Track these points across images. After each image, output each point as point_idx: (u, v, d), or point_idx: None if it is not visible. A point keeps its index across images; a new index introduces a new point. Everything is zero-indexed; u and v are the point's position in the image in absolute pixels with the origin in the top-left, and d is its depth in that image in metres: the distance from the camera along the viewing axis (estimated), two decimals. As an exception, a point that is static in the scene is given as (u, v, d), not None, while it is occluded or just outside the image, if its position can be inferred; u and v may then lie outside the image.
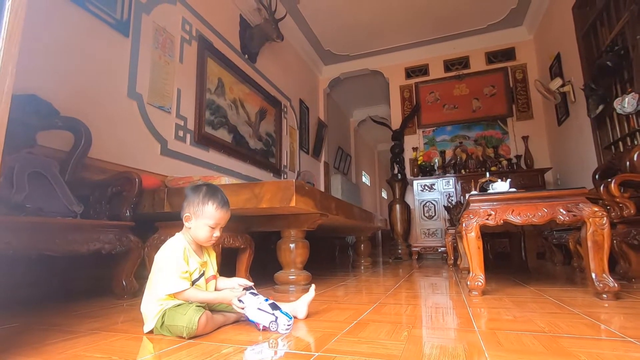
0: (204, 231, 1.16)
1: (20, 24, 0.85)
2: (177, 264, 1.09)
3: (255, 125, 4.19)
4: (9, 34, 0.82)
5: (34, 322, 1.26)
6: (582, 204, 1.61)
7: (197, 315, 1.00)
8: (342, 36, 5.33)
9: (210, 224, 1.15)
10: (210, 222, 1.15)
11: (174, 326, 1.02)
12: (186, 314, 1.01)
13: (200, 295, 1.11)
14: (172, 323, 1.02)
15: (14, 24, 0.83)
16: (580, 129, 3.79)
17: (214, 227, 1.16)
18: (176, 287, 1.06)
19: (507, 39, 5.23)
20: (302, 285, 1.95)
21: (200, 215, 1.15)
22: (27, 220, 1.39)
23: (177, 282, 1.07)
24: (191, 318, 1.00)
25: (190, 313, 1.01)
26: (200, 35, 3.30)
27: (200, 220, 1.15)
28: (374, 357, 0.83)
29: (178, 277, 1.07)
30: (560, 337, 0.96)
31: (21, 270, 1.77)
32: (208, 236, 1.16)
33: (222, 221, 1.19)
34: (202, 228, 1.15)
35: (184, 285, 1.07)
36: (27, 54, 1.86)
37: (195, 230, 1.16)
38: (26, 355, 0.87)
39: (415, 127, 5.58)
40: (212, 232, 1.16)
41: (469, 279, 1.73)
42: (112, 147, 2.33)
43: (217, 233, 1.17)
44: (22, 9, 0.84)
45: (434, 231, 4.84)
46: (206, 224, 1.15)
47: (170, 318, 1.03)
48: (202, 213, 1.15)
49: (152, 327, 1.07)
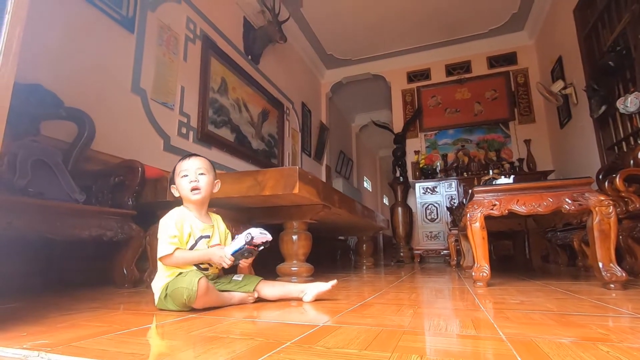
0: (182, 185, 1.21)
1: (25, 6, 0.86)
2: (167, 230, 1.12)
3: (258, 126, 4.20)
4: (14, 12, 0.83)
5: (33, 303, 1.24)
6: (588, 193, 1.60)
7: (197, 277, 1.00)
8: (344, 40, 5.38)
9: (183, 175, 1.21)
10: (182, 174, 1.21)
11: (176, 289, 1.01)
12: (186, 276, 1.02)
13: (188, 255, 1.12)
14: (174, 287, 1.02)
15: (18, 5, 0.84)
16: (583, 131, 3.79)
17: (186, 175, 1.21)
18: (162, 251, 1.09)
19: (508, 43, 5.26)
20: (304, 277, 1.93)
21: (176, 176, 1.24)
22: (29, 201, 1.38)
23: (164, 247, 1.09)
24: (191, 279, 1.00)
25: (191, 275, 1.02)
26: (204, 34, 3.34)
27: (177, 180, 1.22)
28: (380, 326, 0.81)
29: (166, 242, 1.10)
30: (569, 315, 0.95)
31: (19, 259, 1.75)
32: (186, 186, 1.20)
33: (191, 166, 1.22)
34: (180, 183, 1.21)
35: (170, 249, 1.09)
36: (33, 45, 1.87)
37: (180, 191, 1.22)
38: (28, 325, 0.85)
39: (417, 131, 5.58)
40: (187, 179, 1.20)
41: (473, 269, 1.71)
42: (115, 140, 2.33)
43: (193, 177, 1.20)
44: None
45: (436, 234, 4.81)
46: (179, 177, 1.22)
47: (172, 285, 1.04)
48: (175, 174, 1.24)
49: (157, 299, 1.07)
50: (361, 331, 0.77)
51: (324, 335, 0.74)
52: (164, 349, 0.68)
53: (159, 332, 0.82)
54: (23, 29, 0.84)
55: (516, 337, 0.70)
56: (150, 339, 0.75)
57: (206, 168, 1.23)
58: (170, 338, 0.76)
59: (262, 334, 0.76)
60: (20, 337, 0.74)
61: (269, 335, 0.75)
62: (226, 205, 1.79)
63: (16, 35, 0.82)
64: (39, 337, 0.73)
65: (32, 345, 0.67)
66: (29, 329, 0.81)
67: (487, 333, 0.75)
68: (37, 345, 0.67)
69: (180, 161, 1.25)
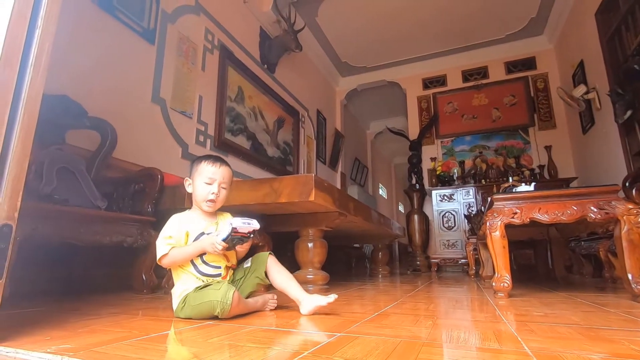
0: (200, 189, 1.16)
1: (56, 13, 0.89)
2: (163, 233, 1.12)
3: (274, 134, 4.24)
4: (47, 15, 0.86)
5: (56, 308, 1.27)
6: (614, 202, 1.54)
7: (232, 290, 0.99)
8: (359, 48, 5.40)
9: (206, 181, 1.16)
10: (205, 178, 1.16)
11: (204, 303, 1.00)
12: (220, 289, 1.00)
13: (183, 250, 1.10)
14: (202, 300, 1.01)
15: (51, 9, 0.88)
16: (607, 137, 3.66)
17: (209, 183, 1.16)
18: (159, 252, 1.09)
19: (527, 48, 5.17)
20: (319, 285, 1.91)
21: (196, 174, 1.18)
22: (54, 208, 1.43)
23: (160, 248, 1.09)
24: (226, 292, 0.98)
25: (225, 288, 1.00)
26: (222, 44, 3.41)
27: (196, 179, 1.17)
28: (398, 337, 0.79)
29: (162, 244, 1.10)
30: (598, 329, 0.90)
31: (42, 264, 1.81)
32: (205, 193, 1.16)
33: (218, 176, 1.17)
34: (199, 186, 1.17)
35: (165, 249, 1.09)
36: (59, 57, 1.95)
37: (195, 191, 1.18)
38: (51, 329, 0.87)
39: (433, 137, 5.52)
40: (209, 189, 1.16)
41: (494, 279, 1.66)
42: (135, 148, 2.39)
43: (215, 188, 1.16)
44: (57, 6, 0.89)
45: (453, 242, 4.71)
46: (202, 181, 1.16)
47: (197, 297, 1.03)
48: (197, 172, 1.18)
49: (175, 307, 1.08)
50: (379, 342, 0.75)
51: (342, 345, 0.73)
52: (183, 357, 0.68)
53: (177, 338, 0.82)
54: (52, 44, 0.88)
55: (542, 352, 0.67)
56: (169, 345, 0.76)
57: (228, 182, 1.21)
58: (188, 345, 0.76)
59: (279, 343, 0.76)
60: (44, 340, 0.75)
61: (286, 344, 0.75)
62: (243, 213, 1.80)
63: (46, 49, 0.86)
64: (61, 342, 0.74)
65: (56, 349, 0.68)
66: (52, 333, 0.83)
67: (511, 347, 0.73)
68: (60, 349, 0.68)
69: (207, 162, 1.18)
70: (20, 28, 0.80)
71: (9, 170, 0.75)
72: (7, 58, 0.77)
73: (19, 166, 0.77)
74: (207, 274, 1.14)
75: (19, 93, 0.79)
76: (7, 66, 0.76)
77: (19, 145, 0.77)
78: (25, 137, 0.79)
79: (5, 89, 0.76)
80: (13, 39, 0.78)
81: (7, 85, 0.77)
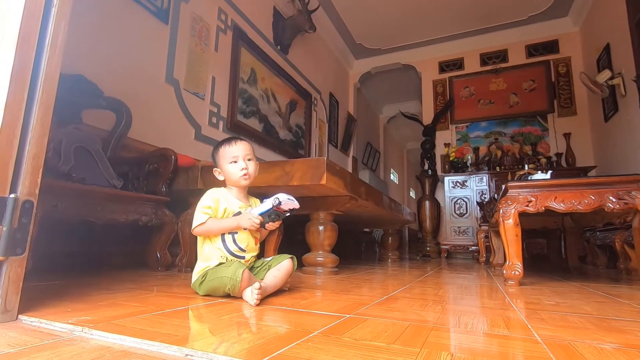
0: (231, 170, 1.20)
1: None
2: (201, 202, 1.16)
3: (286, 117, 4.22)
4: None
5: (75, 282, 1.32)
6: (635, 192, 1.50)
7: (241, 268, 1.02)
8: (374, 29, 5.26)
9: (231, 161, 1.20)
10: (229, 159, 1.20)
11: (218, 279, 1.04)
12: (230, 266, 1.04)
13: (219, 222, 1.15)
14: (215, 276, 1.05)
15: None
16: (631, 125, 3.53)
17: (235, 160, 1.20)
18: (196, 221, 1.13)
19: (550, 30, 4.96)
20: (329, 267, 1.94)
21: (221, 160, 1.22)
22: (74, 186, 1.46)
23: (198, 217, 1.13)
24: (235, 270, 1.02)
25: (235, 265, 1.04)
26: (235, 25, 3.37)
27: (223, 164, 1.22)
28: (407, 321, 0.80)
29: (200, 212, 1.14)
30: (610, 319, 0.89)
31: (62, 239, 1.87)
32: (236, 171, 1.20)
33: (240, 152, 1.21)
34: (228, 168, 1.21)
35: (203, 218, 1.13)
36: (74, 36, 1.96)
37: (227, 176, 1.22)
38: (71, 302, 0.91)
39: (447, 123, 5.41)
40: (238, 166, 1.19)
41: (505, 267, 1.65)
42: (149, 129, 2.41)
43: (243, 164, 1.20)
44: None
45: (465, 229, 4.68)
46: (228, 163, 1.20)
47: (212, 274, 1.07)
48: (220, 157, 1.22)
49: (193, 281, 1.12)
50: (388, 325, 0.76)
51: (351, 326, 0.74)
52: (196, 332, 0.70)
53: (191, 314, 0.85)
54: (68, 23, 0.88)
55: (552, 340, 0.67)
56: (183, 320, 0.78)
57: (252, 154, 1.24)
58: (201, 321, 0.78)
59: (289, 322, 0.77)
60: (65, 312, 0.79)
61: (296, 323, 0.76)
62: (254, 195, 1.82)
63: (62, 28, 0.86)
64: (82, 314, 0.78)
65: (77, 320, 0.71)
66: (73, 305, 0.87)
67: (521, 334, 0.73)
68: (80, 321, 0.71)
69: (226, 145, 1.22)
70: (37, 6, 0.80)
71: (29, 147, 0.77)
72: (25, 36, 0.77)
73: (39, 143, 0.79)
74: (233, 253, 1.16)
75: (37, 71, 0.79)
76: (25, 44, 0.77)
77: (38, 122, 0.78)
78: (44, 115, 0.80)
79: (24, 66, 0.77)
80: (30, 17, 0.79)
81: (26, 63, 0.78)
